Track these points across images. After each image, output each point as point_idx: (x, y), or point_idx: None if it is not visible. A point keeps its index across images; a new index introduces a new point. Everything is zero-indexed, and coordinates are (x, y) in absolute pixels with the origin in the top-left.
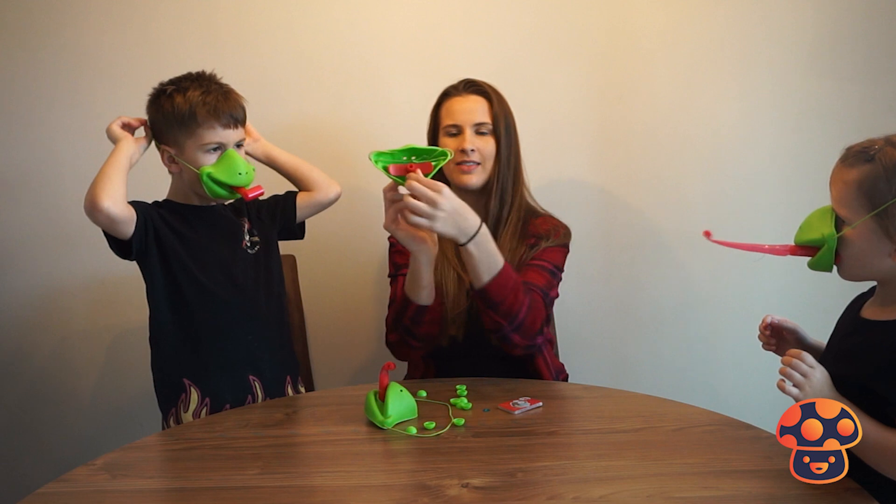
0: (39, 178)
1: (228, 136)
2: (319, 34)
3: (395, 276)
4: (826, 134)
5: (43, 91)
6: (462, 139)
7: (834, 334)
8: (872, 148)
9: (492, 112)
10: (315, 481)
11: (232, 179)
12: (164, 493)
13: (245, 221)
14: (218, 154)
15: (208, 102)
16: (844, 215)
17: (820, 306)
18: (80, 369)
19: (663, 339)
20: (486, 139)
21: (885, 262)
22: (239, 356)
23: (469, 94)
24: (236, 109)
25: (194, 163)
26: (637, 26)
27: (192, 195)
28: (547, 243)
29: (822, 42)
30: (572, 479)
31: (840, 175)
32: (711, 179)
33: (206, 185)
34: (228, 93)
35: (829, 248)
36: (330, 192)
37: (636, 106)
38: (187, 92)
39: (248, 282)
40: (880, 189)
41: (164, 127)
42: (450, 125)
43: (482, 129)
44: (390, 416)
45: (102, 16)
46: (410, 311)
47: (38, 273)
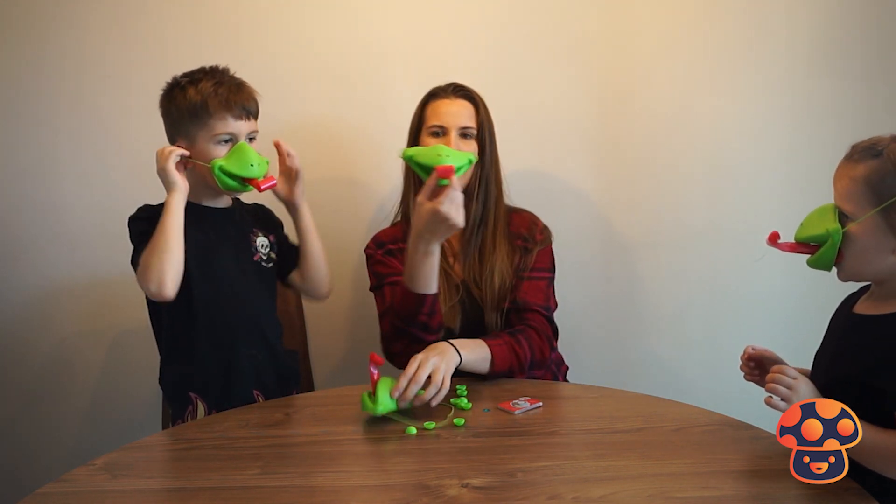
0: (40, 179)
1: (240, 127)
2: (319, 34)
3: (381, 287)
4: (826, 134)
5: (45, 92)
6: (446, 141)
7: (828, 336)
8: (880, 144)
9: (478, 118)
10: (315, 481)
11: (243, 171)
12: (164, 493)
13: (268, 237)
14: (229, 146)
15: (220, 94)
16: (850, 211)
17: (819, 306)
18: (80, 369)
19: (663, 339)
20: (469, 143)
21: (887, 259)
22: (243, 370)
23: (457, 98)
24: (248, 101)
25: (206, 154)
26: (637, 26)
27: (203, 191)
28: (537, 247)
29: (822, 42)
30: (572, 479)
31: (846, 171)
32: (711, 179)
33: (217, 178)
34: (241, 85)
35: (832, 243)
36: (320, 293)
37: (636, 106)
38: (200, 84)
39: (256, 295)
40: (888, 184)
41: (177, 120)
42: (435, 125)
43: (467, 132)
44: (381, 404)
45: (106, 17)
46: (427, 305)
47: (38, 273)
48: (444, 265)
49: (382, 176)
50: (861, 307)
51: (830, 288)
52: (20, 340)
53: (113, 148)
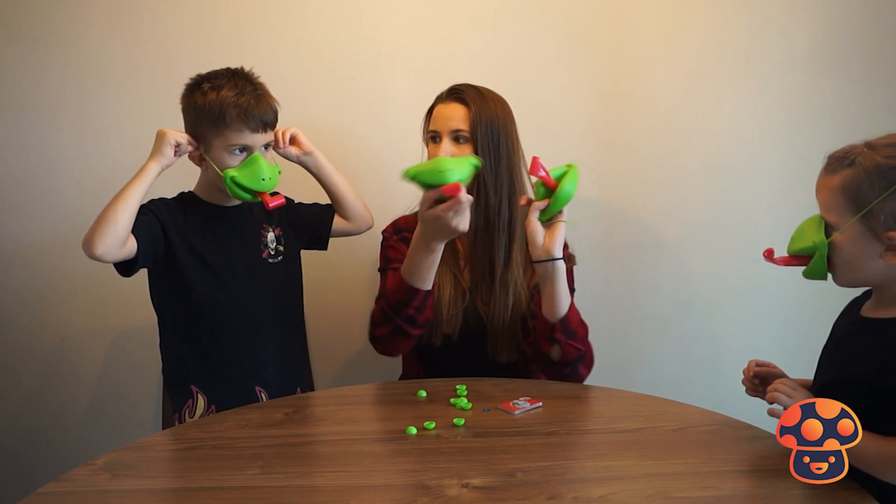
0: (40, 179)
1: (256, 139)
2: (319, 34)
3: (385, 270)
4: (826, 134)
5: (47, 93)
6: (439, 147)
7: (833, 338)
8: (853, 153)
9: (470, 119)
10: (315, 481)
11: (255, 185)
12: (164, 493)
13: (274, 230)
14: (244, 156)
15: (240, 105)
16: (833, 221)
17: (819, 306)
18: (80, 369)
19: (663, 339)
20: (463, 147)
21: (877, 264)
22: (244, 366)
23: (450, 102)
24: (267, 112)
25: (219, 162)
26: (637, 26)
27: (216, 192)
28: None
29: (823, 42)
30: (572, 479)
31: (824, 182)
32: (711, 179)
33: (228, 188)
34: (261, 96)
35: (820, 255)
36: (363, 226)
37: (636, 106)
38: (221, 91)
39: (261, 292)
40: (863, 192)
41: (195, 121)
42: (432, 131)
43: (459, 135)
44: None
45: (108, 18)
46: (417, 300)
47: (38, 273)
48: (455, 269)
49: (383, 176)
50: (867, 311)
51: (830, 288)
52: (20, 340)
53: (114, 149)
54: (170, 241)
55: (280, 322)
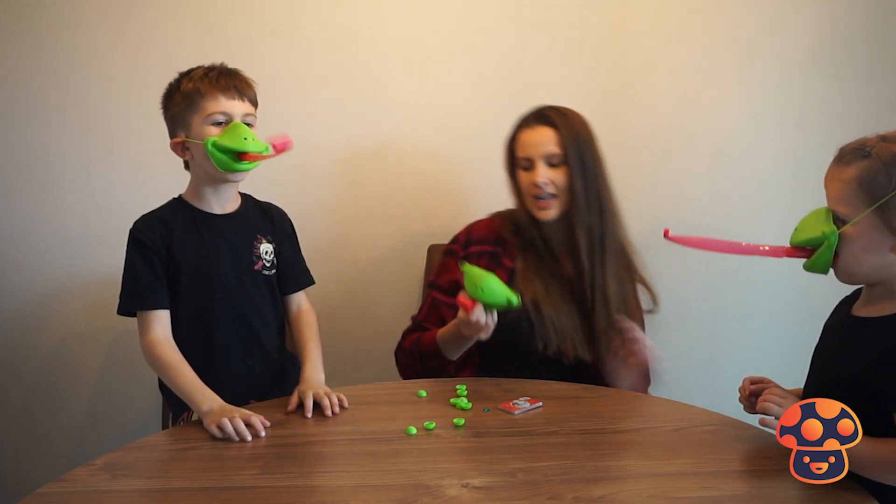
0: (41, 179)
1: (233, 107)
2: (319, 35)
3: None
4: (826, 134)
5: (48, 93)
6: (535, 173)
7: (824, 337)
8: (868, 144)
9: (561, 142)
10: (315, 481)
11: (236, 144)
12: (164, 493)
13: (269, 242)
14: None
15: (210, 76)
16: (844, 213)
17: (819, 306)
18: (80, 369)
19: (663, 339)
20: (558, 171)
21: (884, 258)
22: (238, 380)
23: (538, 126)
24: (240, 82)
25: (201, 138)
26: (638, 25)
27: (206, 191)
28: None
29: (823, 42)
30: (572, 479)
31: (837, 174)
32: (711, 179)
33: (211, 156)
34: (234, 70)
35: (829, 245)
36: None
37: (637, 105)
38: (191, 73)
39: (254, 305)
40: (880, 183)
41: (175, 114)
42: (523, 158)
43: (553, 160)
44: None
45: (109, 19)
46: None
47: (38, 273)
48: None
49: (383, 178)
50: (858, 309)
51: (830, 288)
52: (20, 341)
53: (115, 149)
54: (166, 266)
55: (273, 335)
